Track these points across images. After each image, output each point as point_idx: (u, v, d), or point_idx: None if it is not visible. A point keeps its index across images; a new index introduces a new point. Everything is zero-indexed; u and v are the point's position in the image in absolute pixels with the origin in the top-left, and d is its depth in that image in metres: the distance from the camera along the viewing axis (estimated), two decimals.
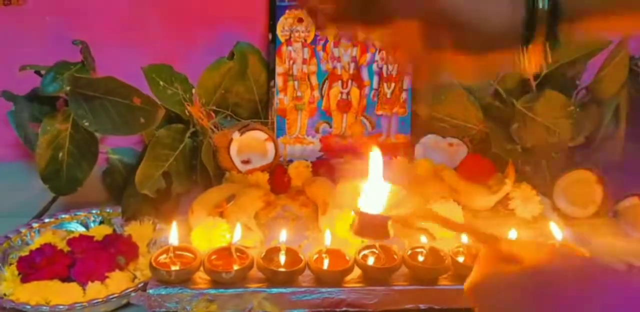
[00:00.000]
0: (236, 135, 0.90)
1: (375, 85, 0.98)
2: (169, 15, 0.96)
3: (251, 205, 0.84)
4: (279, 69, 0.96)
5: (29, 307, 0.74)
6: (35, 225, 0.90)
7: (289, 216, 0.87)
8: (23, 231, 0.89)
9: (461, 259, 0.73)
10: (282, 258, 0.73)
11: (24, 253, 0.83)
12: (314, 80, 0.98)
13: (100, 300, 0.75)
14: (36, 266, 0.80)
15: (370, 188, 0.56)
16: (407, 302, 0.71)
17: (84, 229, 0.92)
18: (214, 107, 0.94)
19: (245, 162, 0.92)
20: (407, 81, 0.98)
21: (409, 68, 0.75)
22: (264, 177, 0.91)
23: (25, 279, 0.79)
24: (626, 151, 0.99)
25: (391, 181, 0.57)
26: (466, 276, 0.70)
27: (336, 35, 0.93)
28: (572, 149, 0.97)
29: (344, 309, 0.71)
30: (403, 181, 0.63)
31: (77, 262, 0.81)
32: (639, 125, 0.99)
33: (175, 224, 0.75)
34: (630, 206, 0.87)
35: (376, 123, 1.00)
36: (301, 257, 0.72)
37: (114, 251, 0.82)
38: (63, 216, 0.93)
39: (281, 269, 0.71)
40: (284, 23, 0.95)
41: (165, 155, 0.88)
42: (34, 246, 0.85)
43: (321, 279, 0.71)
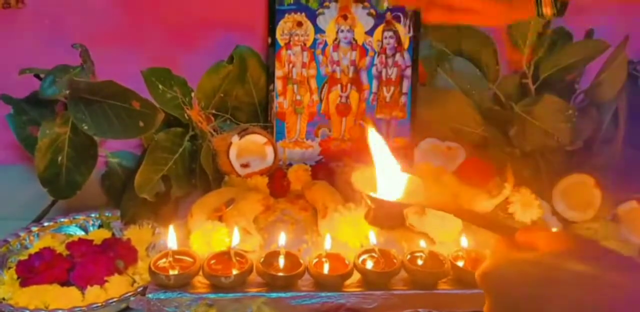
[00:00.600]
0: (235, 139, 0.90)
1: (374, 89, 0.98)
2: (168, 19, 0.96)
3: (250, 209, 0.84)
4: (278, 73, 0.97)
5: (27, 311, 0.74)
6: (34, 229, 0.90)
7: (289, 219, 0.87)
8: (22, 234, 0.89)
9: (460, 264, 0.73)
10: (282, 262, 0.73)
11: (23, 257, 0.83)
12: (313, 84, 0.98)
13: (100, 304, 0.75)
14: (35, 270, 0.80)
15: (385, 174, 0.55)
16: (407, 307, 0.71)
17: (83, 233, 0.92)
18: (213, 111, 0.94)
19: (245, 165, 0.92)
20: (406, 85, 0.99)
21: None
22: (263, 181, 0.91)
23: (24, 283, 0.79)
24: (625, 155, 0.99)
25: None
26: (466, 280, 0.72)
27: None
28: (570, 153, 0.97)
29: None
30: None
31: (76, 266, 0.81)
32: (637, 129, 0.99)
33: (174, 228, 0.75)
34: (629, 209, 0.87)
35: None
36: (300, 261, 0.72)
37: (113, 255, 0.82)
38: (62, 219, 0.92)
39: (280, 274, 0.71)
40: (283, 27, 0.95)
41: (165, 159, 0.88)
42: (33, 250, 0.85)
43: (321, 283, 0.71)
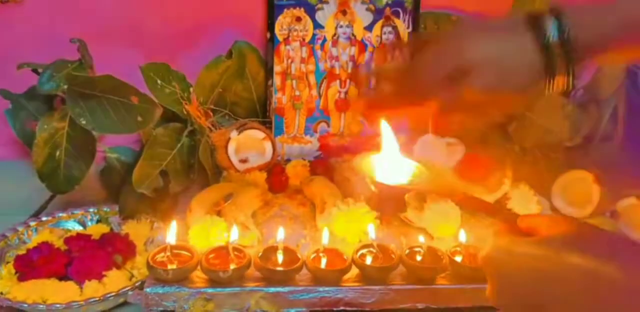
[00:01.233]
0: (234, 134, 0.90)
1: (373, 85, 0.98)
2: (167, 14, 0.96)
3: (249, 204, 0.84)
4: (277, 68, 0.96)
5: (25, 305, 0.74)
6: (33, 223, 0.90)
7: (287, 214, 0.87)
8: (20, 229, 0.88)
9: (459, 259, 0.73)
10: (280, 257, 0.73)
11: (21, 252, 0.83)
12: (312, 79, 0.98)
13: (97, 299, 0.75)
14: (33, 265, 0.79)
15: (389, 160, 0.55)
16: (405, 302, 0.71)
17: (81, 228, 0.92)
18: (211, 106, 0.94)
19: (243, 161, 0.92)
20: None
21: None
22: (261, 176, 0.91)
23: (22, 277, 0.79)
24: (624, 151, 0.99)
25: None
26: (464, 275, 0.72)
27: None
28: (570, 149, 0.97)
29: (341, 308, 0.71)
30: None
31: (74, 261, 0.80)
32: (636, 125, 0.99)
33: (172, 223, 0.75)
34: (627, 206, 0.87)
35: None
36: (299, 256, 0.72)
37: (111, 250, 0.82)
38: (60, 214, 0.92)
39: (279, 268, 0.71)
40: (282, 22, 0.94)
41: (163, 154, 0.88)
42: (31, 245, 0.85)
43: (319, 278, 0.71)
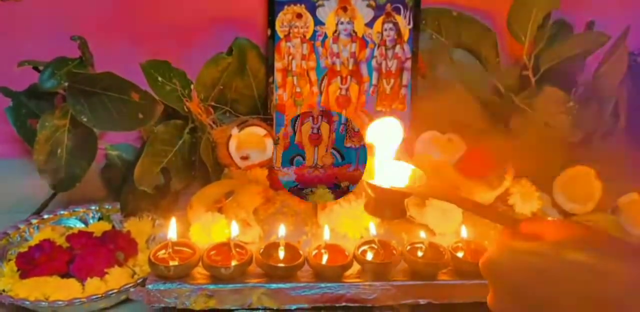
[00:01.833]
0: (235, 131, 0.90)
1: (374, 81, 0.98)
2: (168, 11, 0.96)
3: (250, 201, 0.84)
4: (277, 65, 0.96)
5: (27, 303, 0.74)
6: (34, 221, 0.90)
7: (288, 211, 0.87)
8: (22, 227, 0.89)
9: (460, 255, 0.73)
10: (281, 254, 0.73)
11: (23, 249, 0.84)
12: (313, 76, 0.97)
13: (100, 296, 0.75)
14: (35, 262, 0.80)
15: (387, 164, 0.55)
16: (407, 298, 0.71)
17: (83, 225, 0.92)
18: (212, 103, 0.94)
19: (244, 158, 0.92)
20: (406, 77, 0.98)
21: None
22: (262, 173, 0.91)
23: (24, 275, 0.79)
24: (625, 147, 0.99)
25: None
26: (465, 271, 0.72)
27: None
28: (571, 145, 0.97)
29: (343, 304, 0.71)
30: None
31: (76, 258, 0.81)
32: (638, 122, 0.99)
33: (174, 220, 0.75)
34: (629, 202, 0.87)
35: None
36: (300, 252, 0.72)
37: (113, 247, 0.82)
38: (62, 212, 0.92)
39: (280, 265, 0.71)
40: (282, 19, 0.94)
41: (164, 151, 0.88)
42: (32, 242, 0.85)
43: (320, 274, 0.71)
